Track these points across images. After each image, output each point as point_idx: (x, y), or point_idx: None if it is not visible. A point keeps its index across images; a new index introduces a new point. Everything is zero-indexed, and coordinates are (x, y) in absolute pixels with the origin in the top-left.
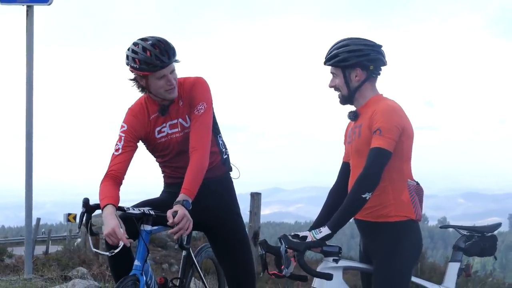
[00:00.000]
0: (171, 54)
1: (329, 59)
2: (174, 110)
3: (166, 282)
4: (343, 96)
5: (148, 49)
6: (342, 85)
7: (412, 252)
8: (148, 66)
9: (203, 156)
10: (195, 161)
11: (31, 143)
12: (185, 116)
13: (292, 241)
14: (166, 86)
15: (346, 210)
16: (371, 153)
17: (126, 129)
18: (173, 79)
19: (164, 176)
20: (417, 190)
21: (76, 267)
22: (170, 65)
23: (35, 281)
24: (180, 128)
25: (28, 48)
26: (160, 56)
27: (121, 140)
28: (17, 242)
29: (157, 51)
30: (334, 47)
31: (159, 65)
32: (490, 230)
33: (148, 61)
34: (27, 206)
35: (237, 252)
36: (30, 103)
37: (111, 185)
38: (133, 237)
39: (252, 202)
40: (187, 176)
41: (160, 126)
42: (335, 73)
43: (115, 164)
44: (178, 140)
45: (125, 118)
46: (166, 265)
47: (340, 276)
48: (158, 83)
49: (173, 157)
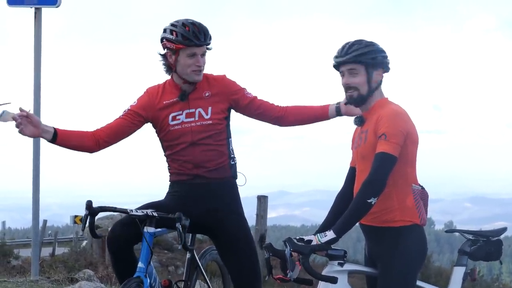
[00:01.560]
0: (207, 36)
1: (357, 55)
2: (194, 99)
3: (171, 284)
4: (360, 95)
5: (187, 25)
6: (363, 84)
7: (417, 257)
8: (184, 39)
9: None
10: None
11: (39, 145)
12: (207, 108)
13: (297, 244)
14: (194, 66)
15: (352, 215)
16: (377, 158)
17: (135, 104)
18: (202, 62)
19: (171, 174)
20: (422, 194)
21: (83, 269)
22: (203, 47)
23: (41, 283)
24: (198, 118)
25: (36, 50)
26: (197, 34)
27: (125, 111)
28: (23, 243)
29: (196, 29)
30: (357, 44)
31: (194, 40)
32: (495, 235)
33: (185, 35)
34: (34, 208)
35: (242, 255)
36: (38, 104)
37: (83, 131)
38: (136, 240)
39: (258, 205)
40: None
41: (176, 113)
42: (355, 70)
43: (107, 126)
44: (193, 130)
45: (142, 95)
46: (172, 268)
47: (345, 280)
48: (188, 61)
49: (184, 148)
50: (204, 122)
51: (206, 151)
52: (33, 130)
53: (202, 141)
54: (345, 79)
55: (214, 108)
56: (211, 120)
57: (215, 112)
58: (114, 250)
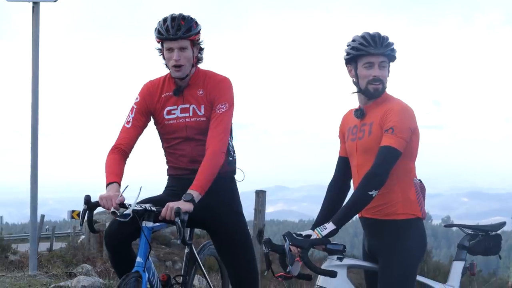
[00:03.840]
0: (182, 30)
1: (391, 49)
2: (189, 95)
3: (169, 279)
4: (383, 89)
5: (166, 20)
6: (386, 78)
7: (418, 250)
8: (158, 33)
9: (218, 153)
10: (209, 157)
11: (37, 140)
12: (200, 106)
13: (296, 239)
14: (173, 61)
15: (352, 206)
16: (381, 151)
17: (138, 101)
18: (182, 57)
19: (168, 167)
20: (421, 187)
21: (80, 264)
22: (179, 41)
23: (39, 278)
24: (192, 114)
25: (34, 45)
26: (170, 27)
27: (132, 112)
28: (21, 238)
29: (172, 23)
30: (385, 37)
31: (164, 34)
32: (494, 229)
33: (159, 29)
34: (32, 203)
35: (239, 251)
36: (36, 100)
37: (118, 159)
38: (134, 236)
39: (257, 200)
40: (200, 172)
41: (170, 107)
42: (385, 63)
43: (124, 137)
44: (188, 125)
45: (140, 90)
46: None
47: (345, 274)
48: (167, 55)
49: (180, 142)
50: (198, 119)
51: (201, 146)
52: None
53: (197, 137)
54: (377, 71)
55: (206, 107)
56: (205, 117)
57: (208, 110)
58: (112, 246)
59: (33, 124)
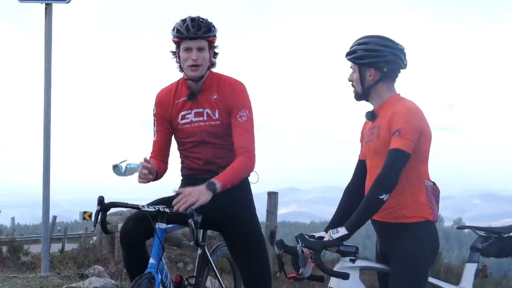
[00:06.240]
0: (202, 30)
1: (348, 53)
2: (203, 99)
3: (182, 280)
4: (356, 92)
5: (186, 20)
6: (357, 82)
7: (429, 253)
8: (177, 32)
9: (251, 158)
10: (242, 160)
11: (49, 141)
12: (214, 110)
13: (308, 240)
14: (190, 60)
15: (364, 211)
16: (390, 154)
17: (156, 112)
18: (200, 57)
19: (182, 167)
20: (434, 190)
21: (92, 265)
22: (198, 41)
23: (51, 279)
24: (206, 118)
25: (46, 46)
26: (190, 27)
27: (154, 124)
28: (33, 239)
29: (191, 23)
30: (355, 43)
31: (184, 33)
32: (507, 231)
33: (179, 28)
34: (44, 204)
35: (252, 252)
36: (48, 100)
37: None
38: (149, 235)
39: (269, 201)
40: (230, 168)
41: (185, 112)
42: (353, 69)
43: (154, 150)
44: (202, 129)
45: (154, 101)
46: (181, 264)
47: (357, 276)
48: (184, 55)
49: (195, 146)
50: (213, 123)
51: (216, 149)
52: (149, 178)
53: (212, 140)
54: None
55: (221, 111)
56: (219, 121)
57: (222, 115)
58: (127, 245)
59: (45, 125)
